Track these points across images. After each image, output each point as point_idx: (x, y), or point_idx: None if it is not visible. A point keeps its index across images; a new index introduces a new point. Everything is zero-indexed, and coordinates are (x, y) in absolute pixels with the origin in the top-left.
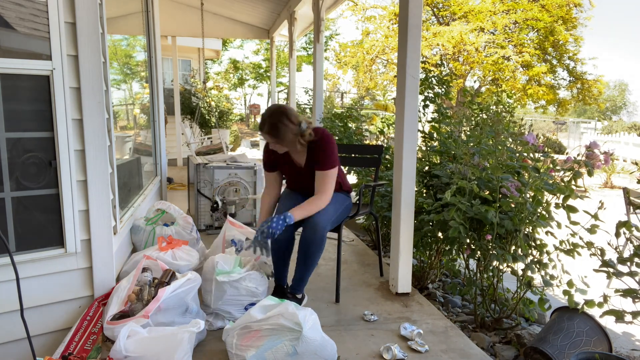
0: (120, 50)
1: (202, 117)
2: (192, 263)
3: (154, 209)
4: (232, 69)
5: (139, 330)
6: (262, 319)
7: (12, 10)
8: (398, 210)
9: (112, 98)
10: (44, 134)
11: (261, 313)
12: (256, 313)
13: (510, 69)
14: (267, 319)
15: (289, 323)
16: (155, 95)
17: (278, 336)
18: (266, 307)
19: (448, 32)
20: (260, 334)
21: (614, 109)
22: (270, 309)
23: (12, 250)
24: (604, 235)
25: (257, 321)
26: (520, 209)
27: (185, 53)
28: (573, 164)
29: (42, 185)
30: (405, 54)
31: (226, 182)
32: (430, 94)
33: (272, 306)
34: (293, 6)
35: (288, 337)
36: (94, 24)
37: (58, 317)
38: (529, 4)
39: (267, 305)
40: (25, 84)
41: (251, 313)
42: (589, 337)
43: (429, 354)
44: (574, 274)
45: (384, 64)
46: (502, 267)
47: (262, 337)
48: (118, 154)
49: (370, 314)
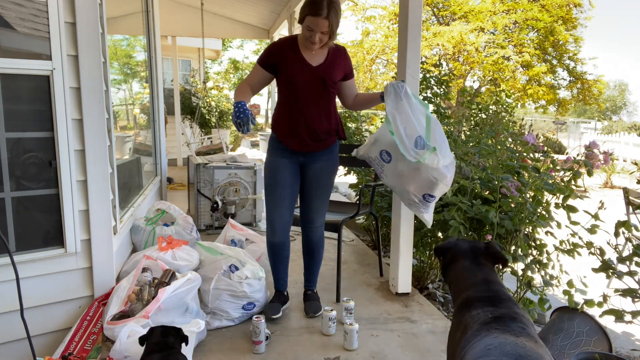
0: (120, 50)
1: (202, 117)
2: (192, 263)
3: (154, 209)
4: (232, 69)
5: (139, 330)
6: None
7: (12, 10)
8: (398, 210)
9: (112, 98)
10: (44, 134)
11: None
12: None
13: (510, 69)
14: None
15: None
16: (155, 95)
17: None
18: None
19: (448, 32)
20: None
21: (614, 109)
22: None
23: (12, 250)
24: (604, 235)
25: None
26: (520, 209)
27: (185, 53)
28: (573, 164)
29: (42, 185)
30: (405, 54)
31: (226, 182)
32: (429, 94)
33: None
34: (293, 6)
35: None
36: (94, 24)
37: (58, 317)
38: (529, 4)
39: None
40: (25, 84)
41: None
42: (589, 337)
43: (429, 354)
44: (573, 274)
45: (384, 64)
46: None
47: None
48: (118, 154)
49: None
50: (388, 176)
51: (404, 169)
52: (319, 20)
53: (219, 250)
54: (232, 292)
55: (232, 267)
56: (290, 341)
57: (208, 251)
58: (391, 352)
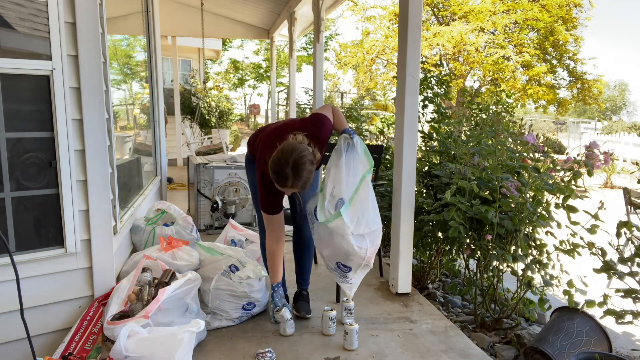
0: (120, 50)
1: (202, 117)
2: (192, 263)
3: (154, 209)
4: (232, 69)
5: (139, 330)
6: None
7: (12, 10)
8: (398, 210)
9: (112, 98)
10: (44, 134)
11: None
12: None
13: (510, 69)
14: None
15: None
16: (155, 95)
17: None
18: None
19: (448, 32)
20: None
21: (614, 109)
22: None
23: (12, 250)
24: (604, 235)
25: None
26: (520, 209)
27: (185, 53)
28: (573, 164)
29: (42, 185)
30: (405, 54)
31: (226, 182)
32: (430, 94)
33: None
34: (293, 6)
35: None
36: (94, 24)
37: (58, 317)
38: (529, 4)
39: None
40: (25, 84)
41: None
42: (589, 337)
43: (429, 354)
44: (573, 274)
45: (384, 64)
46: (502, 267)
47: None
48: (118, 154)
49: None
50: (315, 235)
51: (322, 231)
52: (286, 189)
53: (219, 251)
54: (232, 292)
55: (233, 267)
56: (290, 341)
57: (208, 251)
58: (391, 352)
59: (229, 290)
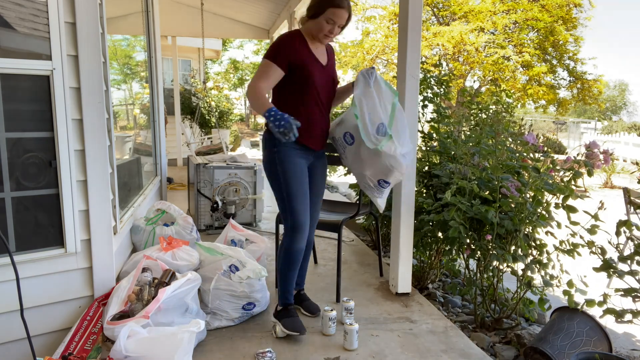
0: (120, 50)
1: (202, 117)
2: (192, 263)
3: (154, 209)
4: (232, 69)
5: (139, 330)
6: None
7: (12, 10)
8: (398, 211)
9: (112, 98)
10: (44, 134)
11: None
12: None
13: (510, 69)
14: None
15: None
16: (155, 95)
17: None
18: None
19: (448, 32)
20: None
21: (614, 109)
22: None
23: (12, 250)
24: (604, 235)
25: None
26: (520, 209)
27: (185, 53)
28: (573, 164)
29: (42, 185)
30: (405, 54)
31: (226, 182)
32: (429, 94)
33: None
34: (293, 6)
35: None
36: (94, 24)
37: (58, 317)
38: (529, 4)
39: None
40: (25, 84)
41: None
42: (589, 337)
43: (429, 354)
44: (573, 274)
45: (384, 64)
46: (502, 267)
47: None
48: (118, 154)
49: (347, 299)
50: (348, 158)
51: (364, 154)
52: (342, 11)
53: (219, 251)
54: (232, 292)
55: (233, 268)
56: (290, 341)
57: (208, 252)
58: (391, 352)
59: (229, 290)
